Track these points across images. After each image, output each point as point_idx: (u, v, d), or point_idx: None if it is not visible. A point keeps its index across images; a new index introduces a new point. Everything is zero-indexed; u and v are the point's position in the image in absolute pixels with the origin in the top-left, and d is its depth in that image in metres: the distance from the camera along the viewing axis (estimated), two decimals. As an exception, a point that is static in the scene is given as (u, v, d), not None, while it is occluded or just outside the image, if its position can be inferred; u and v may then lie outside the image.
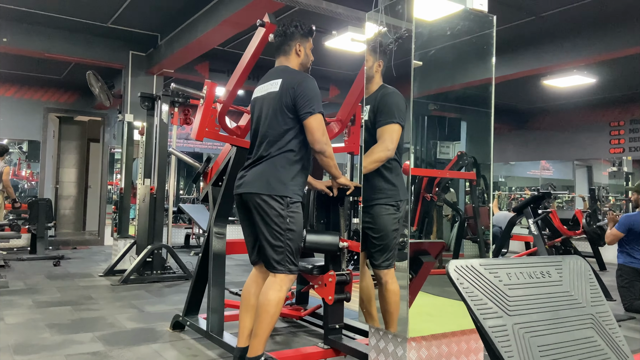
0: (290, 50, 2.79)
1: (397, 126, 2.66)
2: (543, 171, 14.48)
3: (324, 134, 2.60)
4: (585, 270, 1.73)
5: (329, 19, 5.35)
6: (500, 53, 2.88)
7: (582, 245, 7.74)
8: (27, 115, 9.70)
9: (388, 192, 2.68)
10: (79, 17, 6.62)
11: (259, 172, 2.64)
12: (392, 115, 2.66)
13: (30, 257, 7.26)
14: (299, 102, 2.59)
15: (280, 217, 2.57)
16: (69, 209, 10.75)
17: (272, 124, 2.65)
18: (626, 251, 4.85)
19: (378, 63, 2.80)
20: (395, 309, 2.58)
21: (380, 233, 2.67)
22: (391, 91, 2.76)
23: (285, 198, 2.58)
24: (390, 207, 2.67)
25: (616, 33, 6.03)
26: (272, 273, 2.61)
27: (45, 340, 3.52)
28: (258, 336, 2.57)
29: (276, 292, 2.56)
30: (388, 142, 2.63)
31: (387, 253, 2.66)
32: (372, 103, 2.77)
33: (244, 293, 2.80)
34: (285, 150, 2.62)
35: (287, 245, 2.58)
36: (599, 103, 10.38)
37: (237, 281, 5.73)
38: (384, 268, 2.66)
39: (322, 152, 2.61)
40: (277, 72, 2.76)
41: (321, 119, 2.61)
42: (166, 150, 6.04)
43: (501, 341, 1.40)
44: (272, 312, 2.55)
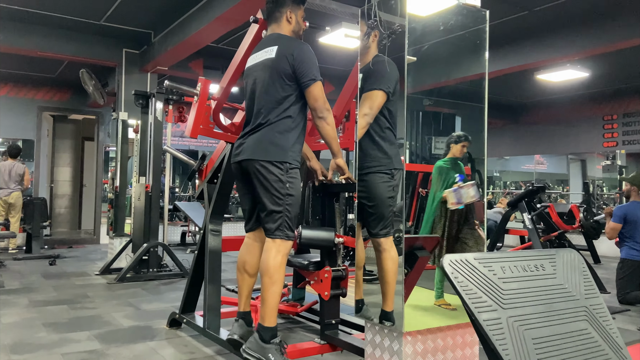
0: (282, 17, 2.76)
1: (379, 92, 2.63)
2: (537, 165, 14.53)
3: (325, 101, 2.61)
4: (579, 263, 1.74)
5: (322, 14, 5.32)
6: (493, 48, 2.89)
7: (577, 239, 7.78)
8: (20, 114, 9.65)
9: (382, 161, 2.67)
10: (72, 15, 6.58)
11: (257, 139, 2.63)
12: (375, 82, 2.65)
13: (25, 257, 7.23)
14: (299, 69, 2.59)
15: (280, 182, 2.57)
16: (64, 208, 10.72)
17: (269, 91, 2.64)
18: (628, 244, 4.88)
19: (374, 33, 2.77)
20: (393, 278, 2.57)
21: (375, 201, 2.66)
22: (382, 59, 2.72)
23: (285, 164, 2.58)
24: (385, 175, 2.65)
25: (609, 27, 6.06)
26: (270, 238, 2.61)
27: (41, 339, 3.51)
28: (266, 303, 2.56)
29: (275, 257, 2.57)
30: (365, 108, 2.63)
31: (384, 221, 2.65)
32: (364, 71, 2.77)
33: (239, 264, 2.83)
34: (284, 117, 2.62)
35: (286, 210, 2.58)
36: (592, 97, 10.43)
37: (233, 278, 5.73)
38: (382, 236, 2.65)
39: (324, 118, 2.61)
40: (272, 39, 2.74)
41: (322, 86, 2.62)
42: (161, 148, 6.03)
43: (496, 334, 1.42)
44: (275, 277, 2.55)
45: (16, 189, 7.65)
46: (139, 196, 6.06)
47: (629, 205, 4.91)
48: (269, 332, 2.56)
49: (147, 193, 6.01)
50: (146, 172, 6.14)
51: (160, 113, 5.92)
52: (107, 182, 10.34)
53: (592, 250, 7.70)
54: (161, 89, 5.80)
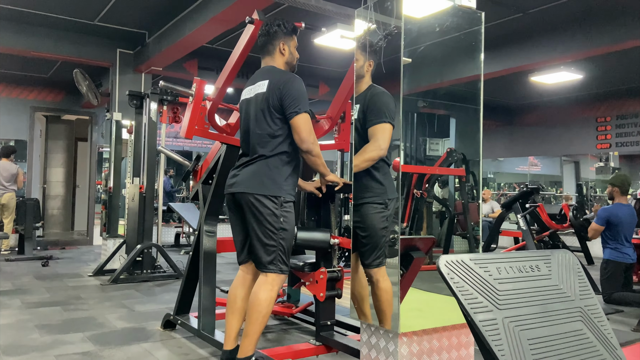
0: (274, 49, 2.77)
1: (389, 125, 2.67)
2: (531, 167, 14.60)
3: (310, 133, 2.59)
4: (573, 264, 1.75)
5: (318, 16, 5.34)
6: (488, 50, 2.89)
7: (570, 240, 7.83)
8: (13, 115, 9.59)
9: (376, 191, 2.69)
10: (66, 14, 6.55)
11: (252, 172, 2.64)
12: (383, 115, 2.67)
13: (18, 258, 7.18)
14: (284, 102, 2.59)
15: (273, 216, 2.57)
16: (57, 209, 10.66)
17: (262, 126, 2.65)
18: (611, 246, 4.90)
19: (369, 63, 2.80)
20: (387, 306, 2.59)
21: (368, 232, 2.68)
22: (380, 91, 2.76)
23: (279, 198, 2.59)
24: (378, 206, 2.68)
25: (603, 29, 6.09)
26: (264, 273, 2.60)
27: (34, 341, 3.49)
28: (249, 336, 2.56)
29: (267, 292, 2.56)
30: (381, 142, 2.64)
31: (377, 252, 2.67)
32: (361, 102, 2.78)
33: (231, 295, 2.78)
34: (278, 152, 2.63)
35: (279, 244, 2.58)
36: (586, 99, 10.48)
37: (227, 279, 5.72)
38: (374, 267, 2.67)
39: (309, 152, 2.61)
40: (264, 73, 2.76)
41: (307, 118, 2.60)
42: (155, 148, 6.01)
43: (492, 335, 1.42)
44: (264, 312, 2.55)
45: (9, 190, 7.60)
46: (133, 197, 6.03)
47: (612, 208, 4.92)
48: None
49: (141, 194, 5.98)
50: (140, 173, 6.12)
51: (154, 114, 5.90)
52: (100, 183, 10.30)
53: (586, 251, 7.74)
54: (156, 89, 5.78)
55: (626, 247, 4.84)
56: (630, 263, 4.88)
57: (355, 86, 2.84)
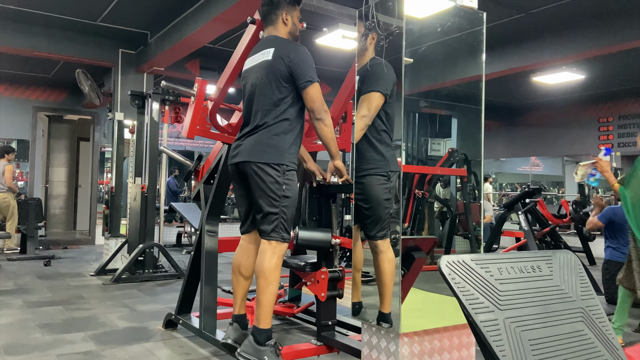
0: (277, 19, 2.76)
1: (377, 94, 2.64)
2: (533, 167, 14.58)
3: (323, 103, 2.61)
4: (575, 264, 1.75)
5: (319, 16, 5.34)
6: (490, 50, 2.88)
7: (572, 241, 7.81)
8: (15, 114, 9.61)
9: (378, 163, 2.67)
10: (68, 15, 6.56)
11: (254, 141, 2.63)
12: (374, 84, 2.66)
13: (20, 257, 7.20)
14: (296, 71, 2.59)
15: (276, 184, 2.57)
16: (59, 209, 10.67)
17: (266, 93, 2.64)
18: (613, 246, 4.89)
19: (372, 36, 2.78)
20: (390, 279, 2.58)
21: (371, 203, 2.66)
22: (379, 61, 2.73)
23: (282, 165, 2.58)
24: (381, 177, 2.66)
25: (605, 30, 6.08)
26: (266, 240, 2.60)
27: (36, 340, 3.50)
28: (261, 305, 2.55)
29: (270, 259, 2.56)
30: (364, 110, 2.63)
31: (381, 223, 2.65)
32: (361, 74, 2.77)
33: (234, 264, 2.82)
34: (281, 119, 2.62)
35: (282, 212, 2.58)
36: (588, 99, 10.47)
37: (229, 279, 5.70)
38: (379, 238, 2.65)
39: (322, 120, 2.61)
40: (268, 41, 2.74)
41: (319, 87, 2.62)
42: (157, 148, 6.02)
43: (493, 335, 1.42)
44: (270, 278, 2.54)
45: (1, 190, 7.62)
46: (135, 197, 6.04)
47: (618, 208, 4.91)
48: (264, 334, 2.55)
49: (142, 194, 5.99)
50: (142, 173, 6.12)
51: (156, 113, 5.90)
52: (102, 182, 10.32)
53: (588, 251, 7.72)
54: (157, 89, 5.79)
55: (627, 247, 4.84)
56: None
57: (359, 60, 2.82)
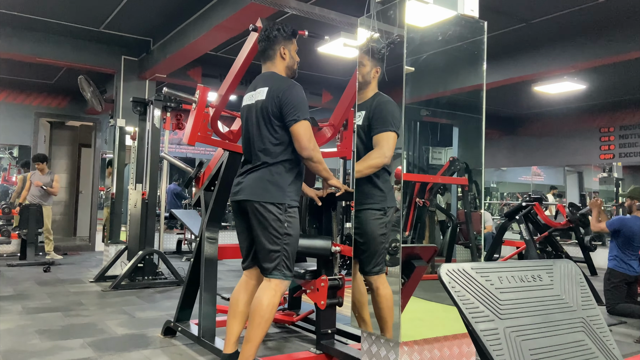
0: (275, 54, 2.78)
1: (394, 134, 2.68)
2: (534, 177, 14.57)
3: (310, 140, 2.59)
4: (576, 274, 1.74)
5: (321, 24, 5.36)
6: (491, 59, 2.90)
7: (573, 250, 7.78)
8: (17, 120, 9.63)
9: (375, 198, 2.70)
10: (71, 21, 6.60)
11: (256, 179, 2.64)
12: (388, 124, 2.68)
13: (20, 263, 7.18)
14: (284, 109, 2.60)
15: (278, 222, 2.58)
16: (59, 215, 10.67)
17: (263, 134, 2.65)
18: (618, 256, 4.88)
19: (375, 69, 2.81)
20: (388, 314, 2.58)
21: (366, 238, 2.68)
22: (387, 99, 2.78)
23: (284, 204, 2.60)
24: (377, 212, 2.68)
25: (606, 40, 6.10)
26: (267, 278, 2.60)
27: (35, 347, 3.48)
28: (251, 341, 2.55)
29: (270, 297, 2.56)
30: (385, 149, 2.65)
31: (376, 259, 2.67)
32: (367, 109, 2.78)
33: (233, 299, 2.79)
34: (281, 160, 2.63)
35: (284, 249, 2.58)
36: (589, 109, 10.47)
37: (228, 287, 5.71)
38: (374, 274, 2.67)
39: (310, 159, 2.61)
40: (264, 79, 2.76)
41: (307, 125, 2.60)
42: (158, 155, 6.02)
43: (493, 344, 1.41)
44: (266, 317, 2.54)
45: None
46: (135, 203, 6.04)
47: (629, 219, 4.90)
48: None
49: (143, 200, 5.98)
50: (143, 180, 6.13)
51: (158, 120, 5.92)
52: (103, 189, 10.32)
53: (589, 261, 7.69)
54: (159, 96, 5.80)
55: (632, 259, 4.82)
56: (634, 275, 4.85)
57: (360, 92, 2.84)
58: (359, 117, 2.81)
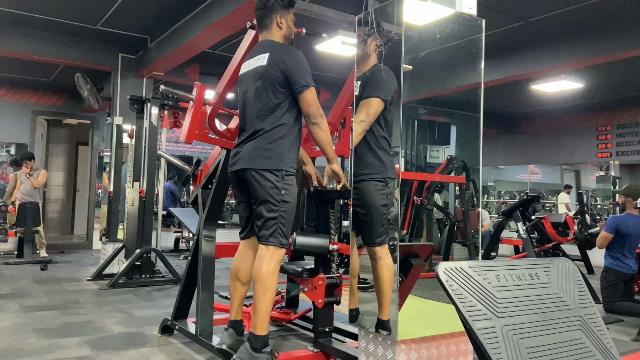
0: (272, 23, 2.76)
1: (376, 100, 2.65)
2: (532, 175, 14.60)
3: (319, 107, 2.62)
4: (573, 272, 1.74)
5: (319, 22, 5.35)
6: (489, 58, 2.89)
7: (570, 249, 7.80)
8: (14, 118, 9.60)
9: (376, 169, 2.68)
10: (68, 19, 6.57)
11: (253, 147, 2.64)
12: (374, 90, 2.67)
13: (17, 261, 7.17)
14: (291, 76, 2.59)
15: (275, 189, 2.57)
16: (56, 213, 10.64)
17: (262, 99, 2.64)
18: (613, 254, 4.89)
19: (375, 42, 2.78)
20: (389, 286, 2.58)
21: (368, 209, 2.66)
22: (380, 68, 2.74)
23: (281, 171, 2.59)
24: (379, 183, 2.66)
25: (604, 38, 6.10)
26: (264, 245, 2.60)
27: (31, 345, 3.47)
28: (257, 311, 2.55)
29: (268, 264, 2.55)
30: (362, 115, 2.64)
31: (378, 229, 2.65)
32: (362, 79, 2.78)
33: (232, 269, 2.82)
34: (278, 125, 2.62)
35: (280, 217, 2.58)
36: (587, 108, 10.49)
37: (226, 285, 5.68)
38: (377, 245, 2.65)
39: (318, 124, 2.62)
40: (263, 46, 2.74)
41: (315, 92, 2.63)
42: (155, 153, 6.01)
43: (490, 343, 1.41)
44: (268, 284, 2.54)
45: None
46: (133, 201, 6.02)
47: (623, 217, 4.91)
48: (260, 340, 2.54)
49: (140, 198, 5.97)
50: (140, 178, 6.11)
51: (155, 118, 5.90)
52: (100, 187, 10.30)
53: (586, 260, 7.71)
54: (157, 94, 5.79)
55: (628, 258, 4.83)
56: (631, 274, 4.86)
57: (360, 66, 2.82)
58: (357, 87, 2.80)
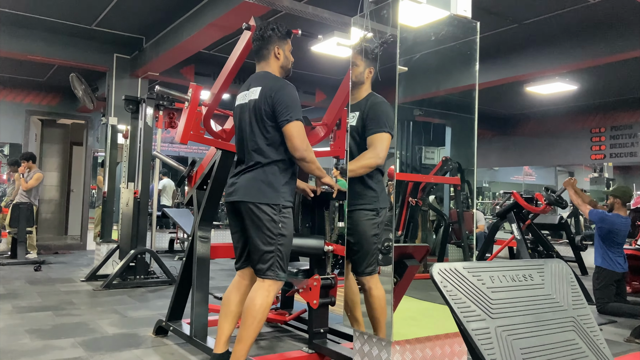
0: (269, 54, 2.77)
1: (388, 135, 2.68)
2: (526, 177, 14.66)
3: (303, 141, 2.58)
4: (567, 273, 1.75)
5: (314, 23, 5.36)
6: (483, 59, 2.91)
7: (564, 250, 7.84)
8: (8, 118, 9.55)
9: (368, 198, 2.70)
10: (63, 18, 6.55)
11: (250, 179, 2.64)
12: (383, 124, 2.68)
13: (10, 262, 7.13)
14: (276, 109, 2.59)
15: (272, 222, 2.57)
16: (50, 213, 10.59)
17: (256, 134, 2.65)
18: (602, 254, 4.93)
19: (369, 70, 2.81)
20: (381, 314, 2.59)
21: (358, 238, 2.68)
22: (381, 100, 2.78)
23: (278, 205, 2.59)
24: (369, 213, 2.68)
25: (597, 41, 6.14)
26: (261, 278, 2.60)
27: (25, 346, 3.45)
28: (243, 341, 2.55)
29: (263, 298, 2.55)
30: (379, 150, 2.65)
31: (368, 259, 2.67)
32: (360, 110, 2.78)
33: (225, 299, 2.78)
34: (275, 160, 2.62)
35: (277, 250, 2.58)
36: (581, 110, 10.54)
37: (221, 286, 5.69)
38: (366, 275, 2.67)
39: (303, 159, 2.60)
40: (257, 78, 2.75)
41: (300, 125, 2.59)
42: (150, 153, 6.00)
43: (484, 344, 1.41)
44: (259, 317, 2.54)
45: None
46: (127, 202, 6.01)
47: (610, 216, 4.97)
48: None
49: (135, 199, 5.96)
50: (135, 178, 6.10)
51: (150, 118, 5.89)
52: (95, 187, 10.26)
53: (580, 261, 7.75)
54: (152, 94, 5.78)
55: (617, 255, 4.89)
56: (622, 272, 4.90)
57: (354, 93, 2.84)
58: (353, 117, 2.81)
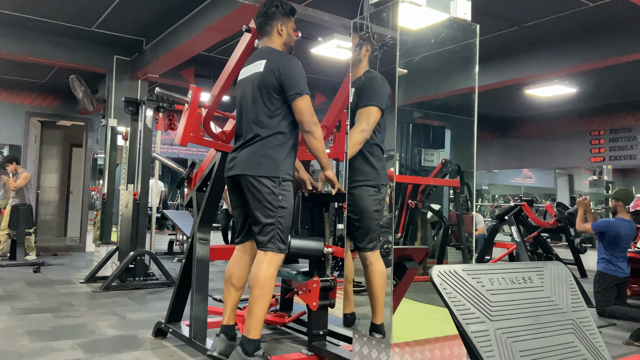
0: (272, 30, 2.78)
1: (375, 108, 2.67)
2: (525, 179, 14.66)
3: (312, 115, 2.61)
4: (566, 276, 1.75)
5: (314, 25, 5.37)
6: (483, 62, 2.91)
7: (564, 253, 7.83)
8: (8, 120, 9.55)
9: (369, 175, 2.70)
10: (63, 20, 6.56)
11: (250, 153, 2.64)
12: (371, 98, 2.69)
13: (9, 264, 7.12)
14: (285, 83, 2.60)
15: (272, 195, 2.58)
16: (50, 215, 10.59)
17: (258, 106, 2.65)
18: (606, 259, 4.92)
19: (366, 47, 2.82)
20: (381, 291, 2.59)
21: (361, 215, 2.69)
22: (374, 75, 2.78)
23: (278, 178, 2.60)
24: (371, 189, 2.69)
25: (597, 43, 6.15)
26: (262, 251, 2.60)
27: (24, 348, 3.45)
28: (252, 315, 2.55)
29: (266, 269, 2.56)
30: (363, 124, 2.66)
31: (370, 234, 2.68)
32: (356, 87, 2.80)
33: (227, 274, 2.82)
34: (275, 132, 2.63)
35: (278, 222, 2.59)
36: (580, 112, 10.55)
37: (220, 288, 5.67)
38: (368, 250, 2.68)
39: (311, 133, 2.61)
40: (261, 53, 2.76)
41: (309, 99, 2.63)
42: (150, 155, 6.00)
43: (483, 346, 1.41)
44: (265, 289, 2.54)
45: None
46: (127, 204, 6.01)
47: (613, 221, 4.95)
48: (252, 344, 2.54)
49: (134, 200, 5.95)
50: (134, 180, 6.10)
51: (150, 120, 5.89)
52: (94, 189, 10.26)
53: (579, 263, 7.75)
54: (152, 96, 5.78)
55: (620, 261, 4.87)
56: (624, 277, 4.89)
57: (353, 70, 2.86)
58: (351, 94, 2.83)
